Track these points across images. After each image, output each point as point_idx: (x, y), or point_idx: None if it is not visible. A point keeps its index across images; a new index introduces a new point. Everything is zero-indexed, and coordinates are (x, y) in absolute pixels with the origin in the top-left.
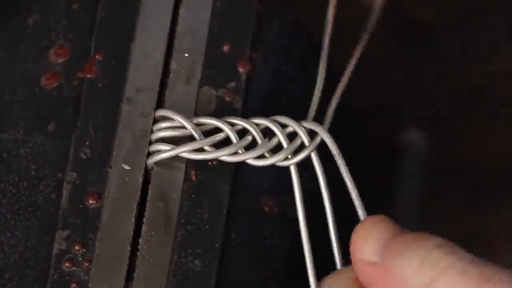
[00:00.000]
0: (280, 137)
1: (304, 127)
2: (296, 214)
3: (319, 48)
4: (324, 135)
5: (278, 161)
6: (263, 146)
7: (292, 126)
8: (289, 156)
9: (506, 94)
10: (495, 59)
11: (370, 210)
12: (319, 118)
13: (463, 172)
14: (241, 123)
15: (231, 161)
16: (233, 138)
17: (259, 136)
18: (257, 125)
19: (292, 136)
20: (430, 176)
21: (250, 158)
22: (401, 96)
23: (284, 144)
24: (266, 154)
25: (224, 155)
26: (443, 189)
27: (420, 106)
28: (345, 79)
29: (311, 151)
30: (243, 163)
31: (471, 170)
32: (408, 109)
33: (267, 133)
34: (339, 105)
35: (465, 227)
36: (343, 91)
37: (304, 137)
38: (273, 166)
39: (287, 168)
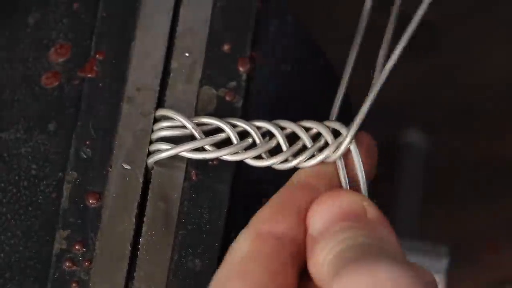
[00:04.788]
0: (280, 139)
1: (305, 128)
2: None
3: (319, 47)
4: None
5: (277, 163)
6: (262, 146)
7: (293, 128)
8: (289, 158)
9: (508, 94)
10: (496, 60)
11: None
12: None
13: (463, 172)
14: (241, 124)
15: (230, 160)
16: (234, 138)
17: (259, 138)
18: (258, 127)
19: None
20: (430, 176)
21: (248, 158)
22: (401, 96)
23: (284, 147)
24: (264, 155)
25: (224, 155)
26: (443, 189)
27: (421, 106)
28: (380, 81)
29: (314, 152)
30: (243, 163)
31: (472, 170)
32: (409, 109)
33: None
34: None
35: (466, 227)
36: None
37: (305, 139)
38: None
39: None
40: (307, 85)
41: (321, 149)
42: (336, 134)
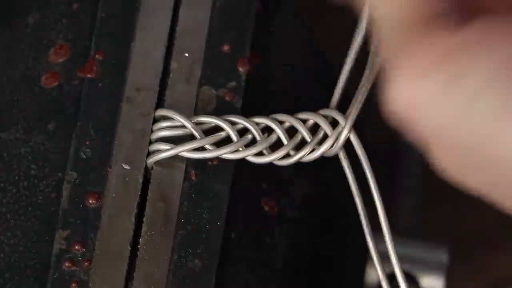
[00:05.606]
0: (280, 133)
1: (302, 120)
2: (295, 214)
3: (319, 47)
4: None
5: (278, 158)
6: (262, 142)
7: (291, 122)
8: (290, 153)
9: None
10: None
11: (370, 210)
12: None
13: None
14: (241, 121)
15: (231, 159)
16: (233, 136)
17: (259, 134)
18: (257, 123)
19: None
20: (430, 176)
21: (250, 155)
22: None
23: (284, 141)
24: (265, 152)
25: (224, 153)
26: (443, 188)
27: None
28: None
29: (314, 145)
30: (243, 163)
31: None
32: None
33: (270, 132)
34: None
35: (465, 227)
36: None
37: (304, 133)
38: (273, 166)
39: (286, 168)
40: (307, 86)
41: (321, 141)
42: (335, 123)
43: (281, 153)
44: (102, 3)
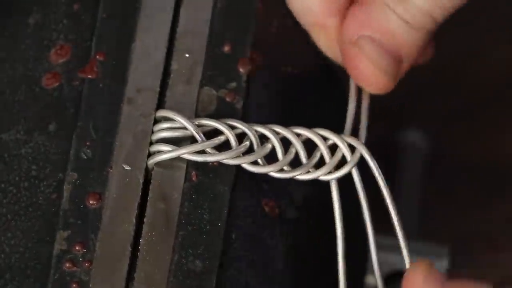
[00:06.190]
0: (276, 145)
1: (299, 135)
2: (296, 215)
3: (319, 47)
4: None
5: (272, 171)
6: (259, 152)
7: (289, 137)
8: (285, 168)
9: (508, 95)
10: (496, 60)
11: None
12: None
13: (463, 172)
14: (241, 127)
15: (230, 164)
16: (233, 142)
17: (256, 143)
18: (257, 131)
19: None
20: (430, 176)
21: (246, 163)
22: (401, 96)
23: (279, 156)
24: (260, 162)
25: (224, 159)
26: (443, 189)
27: (421, 106)
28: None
29: (309, 169)
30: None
31: (472, 170)
32: (408, 109)
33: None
34: (337, 105)
35: (466, 227)
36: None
37: (298, 147)
38: None
39: None
40: (307, 86)
41: (319, 163)
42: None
43: (275, 167)
44: (103, 3)
